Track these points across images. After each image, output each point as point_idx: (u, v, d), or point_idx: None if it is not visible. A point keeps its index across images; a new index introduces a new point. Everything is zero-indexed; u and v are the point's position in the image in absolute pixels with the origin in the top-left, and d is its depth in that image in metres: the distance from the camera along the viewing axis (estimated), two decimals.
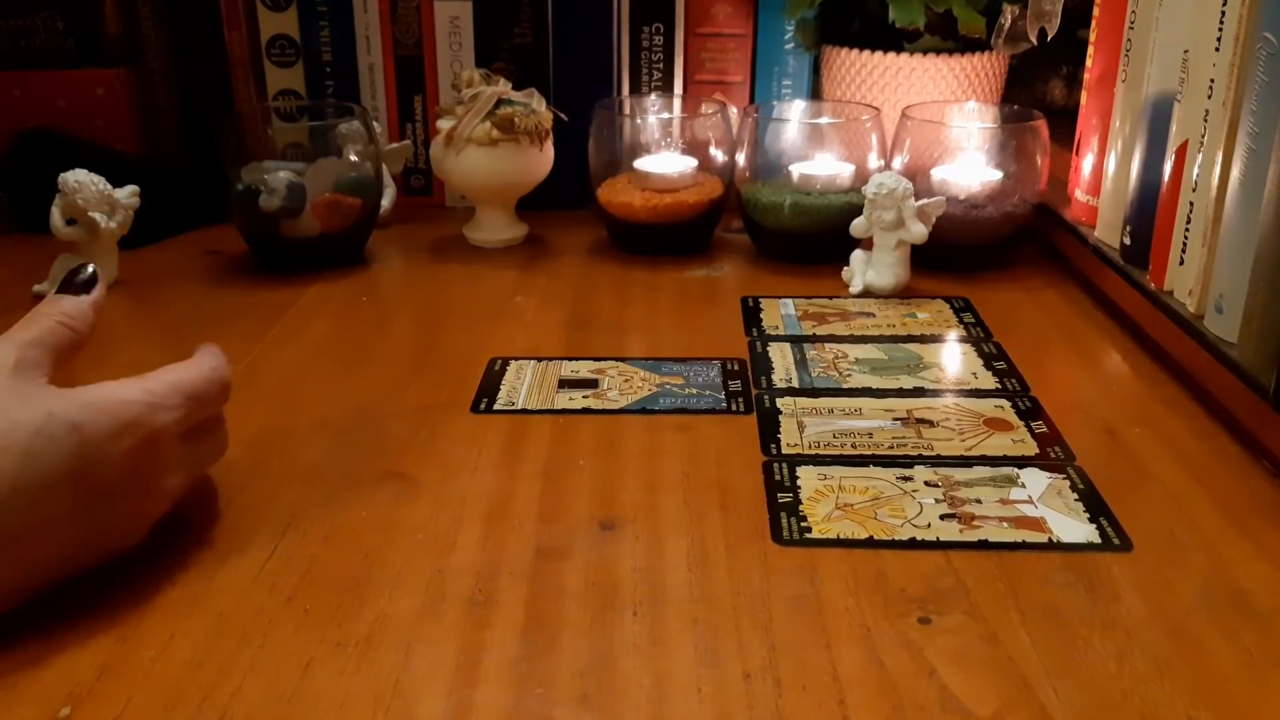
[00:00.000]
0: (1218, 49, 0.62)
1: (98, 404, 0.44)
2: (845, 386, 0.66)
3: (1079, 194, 0.82)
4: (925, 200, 0.78)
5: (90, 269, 0.51)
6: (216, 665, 0.42)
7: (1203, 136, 0.64)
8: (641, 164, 0.88)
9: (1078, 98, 0.83)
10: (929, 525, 0.51)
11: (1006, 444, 0.59)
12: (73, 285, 0.50)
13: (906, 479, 0.55)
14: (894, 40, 0.91)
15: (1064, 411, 0.62)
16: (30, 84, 0.92)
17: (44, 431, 0.42)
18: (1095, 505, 0.53)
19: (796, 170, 0.86)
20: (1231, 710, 0.40)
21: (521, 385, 0.66)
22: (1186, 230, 0.65)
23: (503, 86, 0.86)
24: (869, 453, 0.58)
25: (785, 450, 0.58)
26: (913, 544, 0.50)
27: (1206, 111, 0.63)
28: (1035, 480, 0.55)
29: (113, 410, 0.44)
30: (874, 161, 0.86)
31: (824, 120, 0.91)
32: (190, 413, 0.48)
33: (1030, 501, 0.54)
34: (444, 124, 0.87)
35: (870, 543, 0.50)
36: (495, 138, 0.85)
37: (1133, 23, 0.73)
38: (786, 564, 0.49)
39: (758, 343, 0.72)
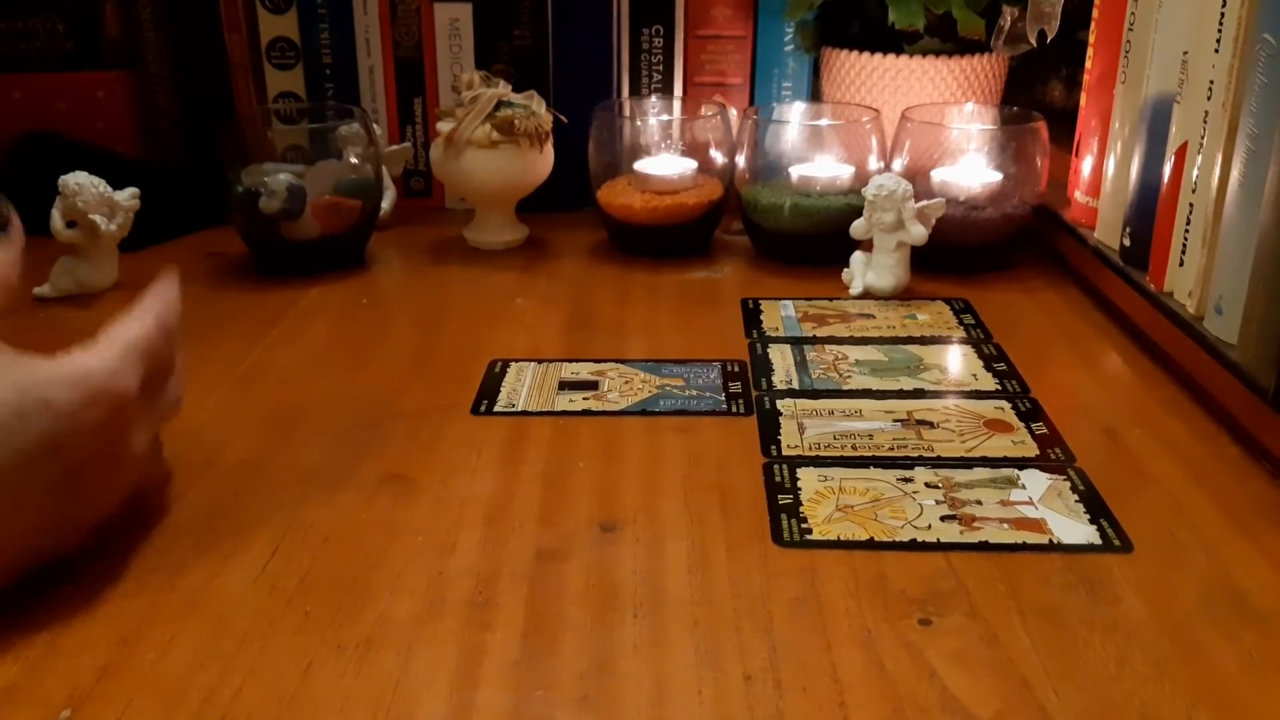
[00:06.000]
0: (1217, 50, 0.62)
1: (64, 378, 0.43)
2: (845, 388, 0.66)
3: (1078, 195, 0.82)
4: (925, 202, 0.78)
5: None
6: (217, 667, 0.42)
7: (1202, 138, 0.64)
8: (641, 166, 0.88)
9: (1077, 99, 0.83)
10: (929, 527, 0.51)
11: (1007, 445, 0.59)
12: None
13: (907, 480, 0.55)
14: (893, 42, 0.91)
15: (1064, 413, 0.62)
16: (30, 86, 0.92)
17: (16, 410, 0.42)
18: (1095, 506, 0.53)
19: (796, 172, 0.86)
20: (1232, 711, 0.40)
21: (522, 387, 0.66)
22: (1186, 231, 0.66)
23: (503, 89, 0.86)
24: (869, 454, 0.58)
25: (785, 452, 0.58)
26: (913, 545, 0.50)
27: (1206, 113, 0.63)
28: (1036, 481, 0.55)
29: (79, 383, 0.44)
30: (874, 163, 0.86)
31: (824, 122, 0.91)
32: (147, 370, 0.48)
33: (1031, 503, 0.54)
34: (444, 126, 0.87)
35: (871, 544, 0.50)
36: (495, 140, 0.85)
37: (1132, 24, 0.73)
38: (787, 566, 0.49)
39: (758, 344, 0.72)
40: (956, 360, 0.70)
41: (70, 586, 0.46)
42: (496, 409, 0.63)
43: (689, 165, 0.88)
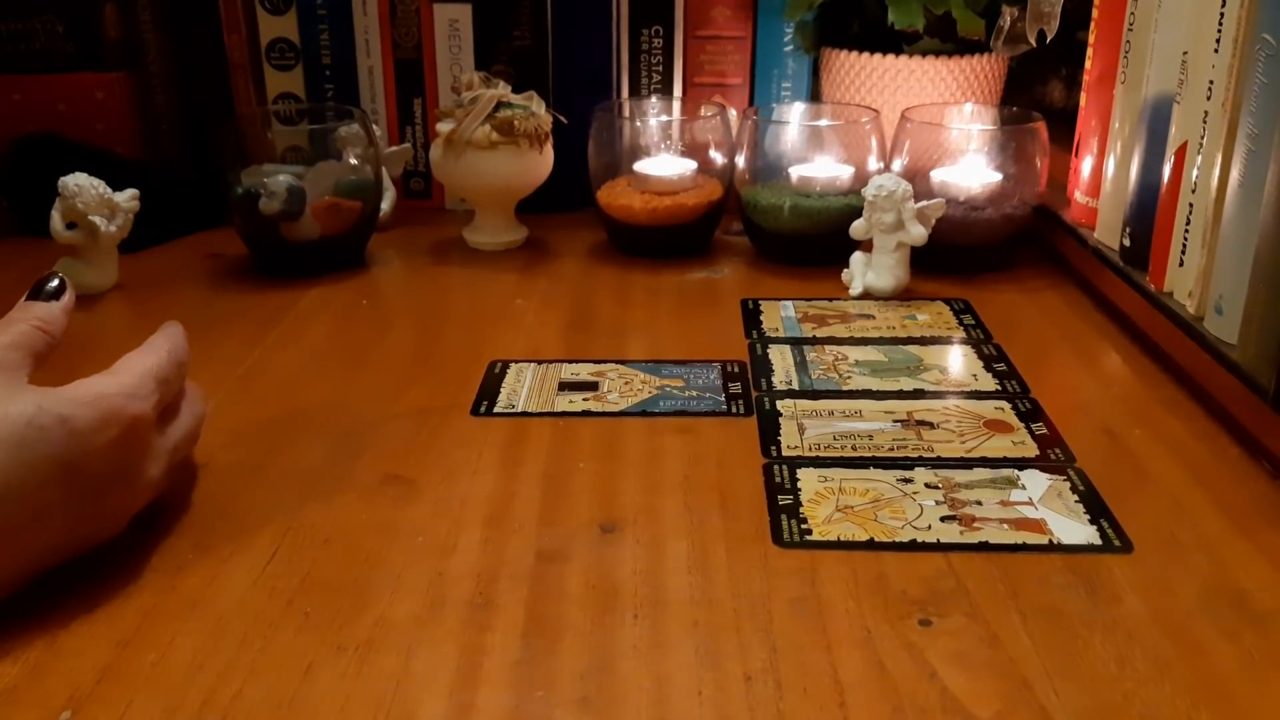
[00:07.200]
0: (1217, 50, 0.62)
1: (80, 398, 0.45)
2: (845, 389, 0.66)
3: (1078, 195, 0.82)
4: (925, 202, 0.78)
5: (58, 278, 0.52)
6: (217, 669, 0.42)
7: (1202, 138, 0.64)
8: (641, 166, 0.88)
9: (1077, 99, 0.83)
10: (929, 527, 0.51)
11: (1007, 446, 0.59)
12: (43, 293, 0.51)
13: (907, 481, 0.55)
14: (893, 42, 0.91)
15: (1064, 413, 0.62)
16: (30, 88, 0.92)
17: (34, 424, 0.43)
18: (1095, 507, 0.53)
19: (796, 172, 0.86)
20: (1232, 711, 0.40)
21: (521, 388, 0.66)
22: (1186, 231, 0.66)
23: (502, 89, 0.86)
24: (869, 455, 0.58)
25: (785, 452, 0.58)
26: (913, 546, 0.50)
27: (1206, 113, 0.63)
28: (1035, 482, 0.55)
29: (95, 403, 0.45)
30: (873, 163, 0.86)
31: (823, 122, 0.91)
32: (161, 397, 0.49)
33: (1031, 503, 0.54)
34: (444, 127, 0.87)
35: (871, 545, 0.50)
36: (495, 140, 0.85)
37: (1132, 24, 0.73)
38: (787, 566, 0.49)
39: (758, 345, 0.72)
40: (956, 360, 0.70)
41: (70, 587, 0.46)
42: (496, 410, 0.63)
43: (689, 166, 0.88)
